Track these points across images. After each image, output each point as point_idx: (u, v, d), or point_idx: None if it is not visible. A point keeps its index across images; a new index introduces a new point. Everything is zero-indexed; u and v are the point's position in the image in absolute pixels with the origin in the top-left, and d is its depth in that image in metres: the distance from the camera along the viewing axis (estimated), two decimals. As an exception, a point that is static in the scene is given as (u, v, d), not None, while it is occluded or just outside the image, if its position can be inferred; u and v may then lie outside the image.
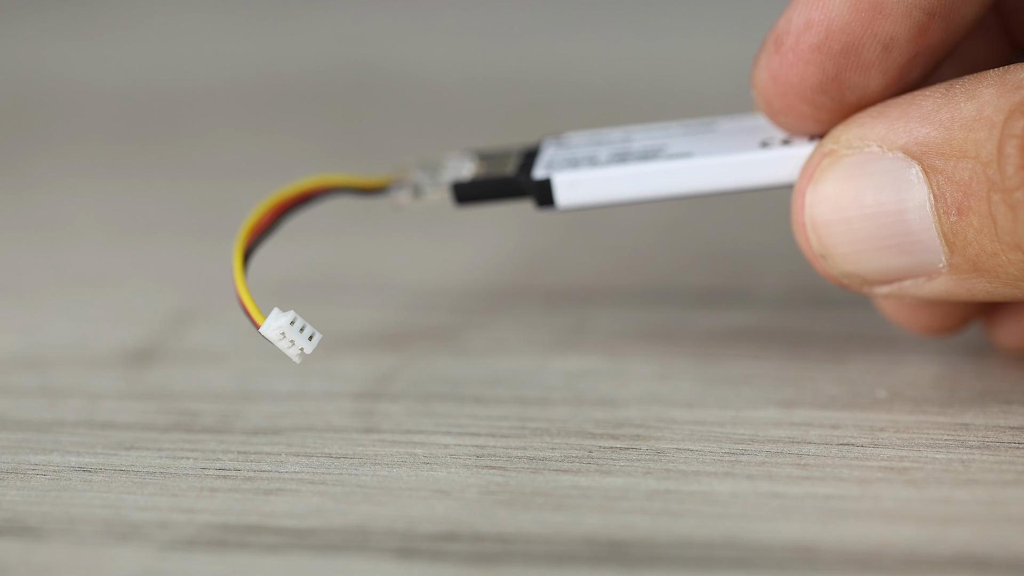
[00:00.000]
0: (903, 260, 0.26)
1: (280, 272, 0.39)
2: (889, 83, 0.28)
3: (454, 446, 0.28)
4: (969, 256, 0.25)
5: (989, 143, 0.25)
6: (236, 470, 0.27)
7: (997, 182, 0.25)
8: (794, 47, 0.27)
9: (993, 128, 0.25)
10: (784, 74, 0.28)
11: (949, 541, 0.24)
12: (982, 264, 0.25)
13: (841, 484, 0.26)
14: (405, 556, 0.24)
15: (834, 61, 0.27)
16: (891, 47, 0.27)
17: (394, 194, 0.32)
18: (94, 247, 0.41)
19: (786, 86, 0.28)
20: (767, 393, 0.30)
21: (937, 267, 0.26)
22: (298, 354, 0.27)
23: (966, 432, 0.28)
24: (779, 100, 0.28)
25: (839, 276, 0.27)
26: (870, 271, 0.27)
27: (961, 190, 0.25)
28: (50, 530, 0.25)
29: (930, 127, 0.25)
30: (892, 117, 0.26)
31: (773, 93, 0.28)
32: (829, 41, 0.27)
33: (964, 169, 0.25)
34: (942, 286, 0.26)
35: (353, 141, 0.54)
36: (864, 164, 0.26)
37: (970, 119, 0.25)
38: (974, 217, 0.25)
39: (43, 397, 0.31)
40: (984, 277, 0.26)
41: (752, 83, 0.28)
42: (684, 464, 0.27)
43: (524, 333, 0.34)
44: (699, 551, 0.24)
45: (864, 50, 0.27)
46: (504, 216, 0.39)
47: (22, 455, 0.28)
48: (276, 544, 0.25)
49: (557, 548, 0.24)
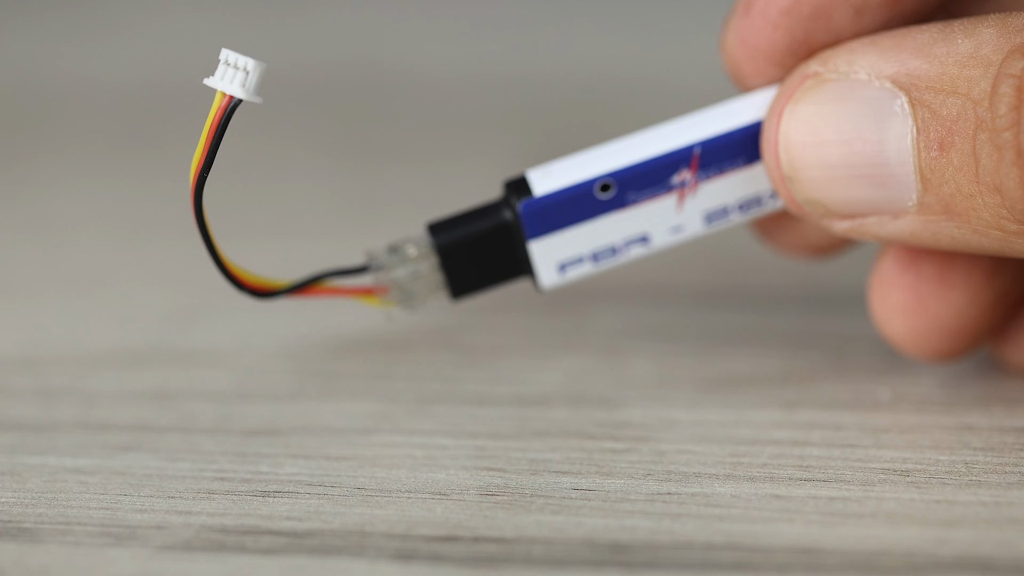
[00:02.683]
0: (873, 193, 0.26)
1: (280, 272, 0.39)
2: None
3: (453, 447, 0.28)
4: (943, 196, 0.25)
5: (983, 81, 0.24)
6: (234, 472, 0.27)
7: (986, 121, 0.24)
8: (763, 10, 0.27)
9: (989, 67, 0.24)
10: (753, 38, 0.28)
11: (952, 543, 0.24)
12: (955, 206, 0.25)
13: (844, 486, 0.26)
14: (404, 558, 0.24)
15: (803, 25, 0.27)
16: (863, 11, 0.27)
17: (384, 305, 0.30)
18: (91, 247, 0.41)
19: (755, 50, 0.28)
20: (769, 394, 0.30)
21: (906, 205, 0.26)
22: (242, 83, 0.27)
23: (970, 434, 0.28)
24: (748, 64, 0.28)
25: (802, 202, 0.27)
26: (836, 201, 0.27)
27: (946, 126, 0.25)
28: (46, 532, 0.25)
29: (923, 60, 0.25)
30: (884, 46, 0.26)
31: (742, 57, 0.28)
32: (799, 5, 0.27)
33: (953, 105, 0.25)
34: (907, 227, 0.26)
35: (353, 140, 0.54)
36: (849, 90, 0.26)
37: (966, 56, 0.25)
38: (955, 154, 0.25)
39: (39, 398, 0.31)
40: (954, 221, 0.25)
41: (721, 47, 0.28)
42: (685, 466, 0.27)
43: (524, 333, 0.34)
44: (700, 553, 0.24)
45: (835, 14, 0.27)
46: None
47: (18, 456, 0.28)
48: (274, 546, 0.25)
49: (557, 550, 0.24)
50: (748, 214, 0.29)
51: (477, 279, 0.30)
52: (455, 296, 0.30)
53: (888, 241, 0.26)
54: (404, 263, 0.29)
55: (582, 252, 0.29)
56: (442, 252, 0.29)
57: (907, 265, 0.28)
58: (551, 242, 0.29)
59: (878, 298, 0.29)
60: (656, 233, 0.29)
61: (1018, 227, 0.24)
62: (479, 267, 0.29)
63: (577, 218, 0.29)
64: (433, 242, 0.29)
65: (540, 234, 0.29)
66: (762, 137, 0.27)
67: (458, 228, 0.29)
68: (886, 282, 0.29)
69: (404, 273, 0.30)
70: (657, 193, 0.28)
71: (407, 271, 0.29)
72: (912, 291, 0.28)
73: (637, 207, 0.29)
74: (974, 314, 0.28)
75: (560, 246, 0.29)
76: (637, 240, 0.29)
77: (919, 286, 0.28)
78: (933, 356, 0.29)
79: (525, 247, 0.29)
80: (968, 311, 0.28)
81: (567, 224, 0.29)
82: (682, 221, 0.29)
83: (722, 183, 0.28)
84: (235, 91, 0.27)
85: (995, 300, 0.28)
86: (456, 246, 0.29)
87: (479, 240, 0.29)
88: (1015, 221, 0.24)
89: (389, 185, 0.48)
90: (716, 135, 0.28)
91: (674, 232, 0.29)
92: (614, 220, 0.29)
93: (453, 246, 0.29)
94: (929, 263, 0.28)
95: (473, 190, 0.48)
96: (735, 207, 0.29)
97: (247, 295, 0.29)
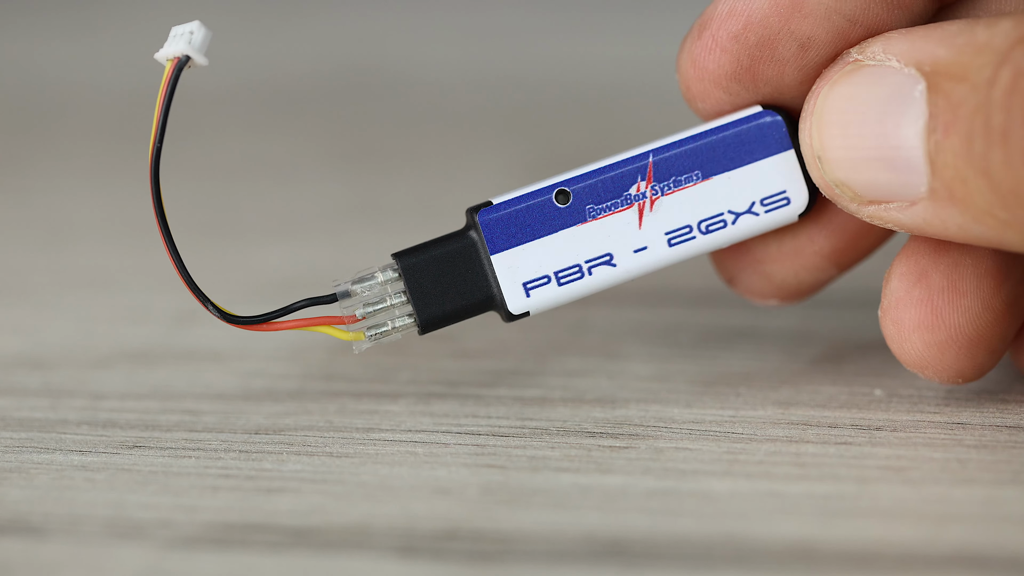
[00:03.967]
0: (889, 176, 0.26)
1: (280, 272, 0.39)
2: (804, 79, 0.28)
3: (454, 445, 0.28)
4: (946, 180, 0.25)
5: (988, 68, 0.25)
6: (238, 469, 0.27)
7: (983, 105, 0.25)
8: (714, 34, 0.28)
9: (996, 55, 0.25)
10: (702, 60, 0.28)
11: (946, 540, 0.24)
12: (955, 191, 0.25)
13: (839, 483, 0.26)
14: (406, 554, 0.24)
15: (749, 52, 0.28)
16: (808, 47, 0.28)
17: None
18: (96, 248, 0.41)
19: (703, 71, 0.28)
20: (765, 393, 0.30)
21: (920, 191, 0.26)
22: (188, 42, 0.27)
23: (963, 431, 0.28)
24: (696, 85, 0.29)
25: (832, 183, 0.27)
26: (859, 183, 0.27)
27: (952, 111, 0.25)
28: (53, 529, 0.25)
29: (944, 48, 0.26)
30: (916, 36, 0.26)
31: (692, 78, 0.29)
32: (747, 32, 0.28)
33: (960, 91, 0.25)
34: (921, 214, 0.26)
35: (353, 141, 0.54)
36: (881, 75, 0.26)
37: (980, 45, 0.25)
38: (956, 138, 0.25)
39: (46, 397, 0.31)
40: (957, 207, 0.25)
41: (676, 67, 0.29)
42: (683, 463, 0.27)
43: (524, 333, 0.34)
44: (698, 550, 0.24)
45: (779, 45, 0.28)
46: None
47: (25, 454, 0.28)
48: (278, 542, 0.25)
49: (557, 546, 0.24)
50: (712, 237, 0.29)
51: (446, 308, 0.29)
52: (423, 327, 0.29)
53: (908, 229, 0.27)
54: (371, 290, 0.29)
55: (546, 270, 0.28)
56: (407, 273, 0.28)
57: (915, 280, 0.28)
58: (514, 257, 0.28)
59: (893, 322, 0.28)
60: (620, 253, 0.28)
61: (1005, 215, 0.25)
62: (447, 294, 0.29)
63: (538, 230, 0.28)
64: (399, 264, 0.29)
65: (503, 247, 0.28)
66: (800, 119, 0.28)
67: (423, 251, 0.29)
68: (898, 303, 0.28)
69: (371, 297, 0.29)
70: (616, 206, 0.29)
71: (374, 297, 0.29)
72: (926, 304, 0.28)
73: (597, 222, 0.29)
74: (989, 320, 0.28)
75: (523, 262, 0.28)
76: (602, 259, 0.29)
77: (932, 298, 0.28)
78: (953, 373, 0.28)
79: (491, 264, 0.28)
80: (983, 317, 0.28)
81: (528, 237, 0.28)
82: (645, 240, 0.28)
83: (680, 198, 0.29)
84: (181, 49, 0.27)
85: (1007, 305, 0.28)
86: (422, 267, 0.28)
87: (445, 261, 0.29)
88: (1001, 207, 0.25)
89: (391, 188, 0.48)
90: (668, 142, 0.29)
91: (639, 253, 0.29)
92: (575, 235, 0.28)
93: (419, 267, 0.28)
94: (937, 274, 0.28)
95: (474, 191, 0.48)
96: (697, 226, 0.29)
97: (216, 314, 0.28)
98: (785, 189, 0.29)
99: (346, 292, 0.29)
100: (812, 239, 0.30)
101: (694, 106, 0.29)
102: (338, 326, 0.28)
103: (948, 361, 0.28)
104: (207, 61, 0.27)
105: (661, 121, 0.30)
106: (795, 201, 0.29)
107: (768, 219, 0.29)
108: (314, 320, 0.28)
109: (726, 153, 0.29)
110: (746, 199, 0.29)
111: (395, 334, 0.29)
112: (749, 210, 0.29)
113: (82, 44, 0.66)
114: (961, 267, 0.28)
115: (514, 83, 0.60)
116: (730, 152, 0.29)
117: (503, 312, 0.29)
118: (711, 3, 0.28)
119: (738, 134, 0.29)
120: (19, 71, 0.63)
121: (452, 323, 0.29)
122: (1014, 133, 0.24)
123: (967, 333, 0.28)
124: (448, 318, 0.29)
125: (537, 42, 0.66)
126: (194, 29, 0.27)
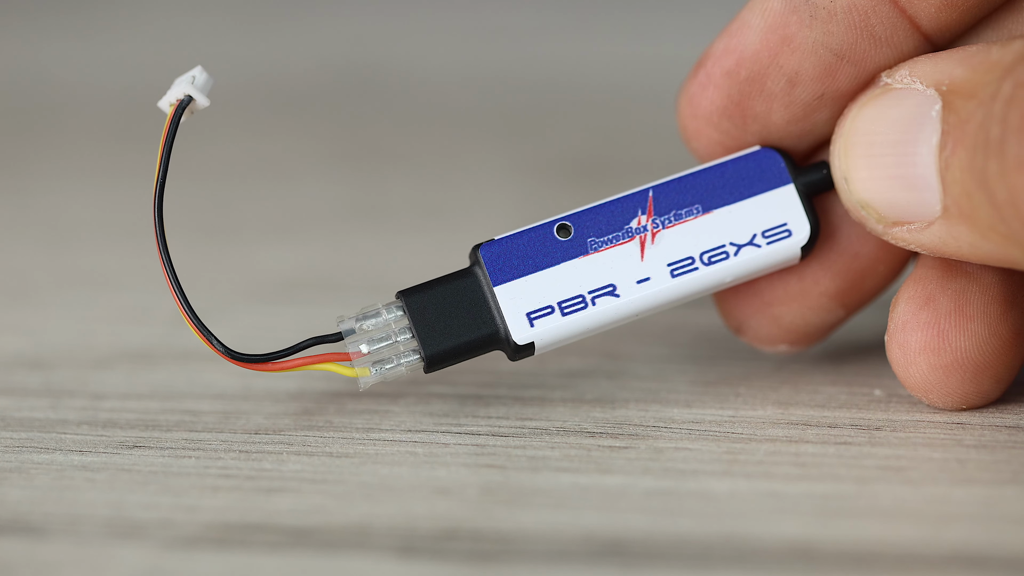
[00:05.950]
0: (908, 196, 0.26)
1: (280, 272, 0.39)
2: (792, 118, 0.28)
3: (454, 445, 0.28)
4: (955, 197, 0.25)
5: (994, 84, 0.25)
6: (238, 469, 0.27)
7: (984, 120, 0.25)
8: (709, 71, 0.29)
9: (1002, 70, 0.25)
10: (696, 97, 0.29)
11: (946, 539, 0.24)
12: (963, 207, 0.25)
13: (838, 483, 0.26)
14: (406, 554, 0.24)
15: (739, 87, 0.28)
16: (796, 82, 0.28)
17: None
18: (96, 248, 0.41)
19: (696, 108, 0.29)
20: (765, 393, 0.30)
21: (935, 210, 0.26)
22: (190, 82, 0.28)
23: (962, 431, 0.28)
24: (691, 123, 0.29)
25: (858, 205, 0.27)
26: (882, 204, 0.27)
27: (960, 127, 0.25)
28: (53, 529, 0.25)
29: (961, 68, 0.26)
30: (940, 58, 0.27)
31: (687, 116, 0.29)
32: (738, 68, 0.28)
33: (970, 108, 0.25)
34: (937, 234, 0.26)
35: (354, 141, 0.54)
36: (906, 97, 0.27)
37: (991, 63, 0.25)
38: (962, 153, 0.25)
39: (46, 397, 0.31)
40: (965, 224, 0.26)
41: (676, 107, 0.29)
42: (682, 463, 0.27)
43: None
44: (697, 549, 0.24)
45: (768, 80, 0.28)
46: (504, 215, 0.39)
47: (25, 454, 0.28)
48: (278, 542, 0.25)
49: (556, 546, 0.24)
50: (715, 269, 0.29)
51: (451, 343, 0.28)
52: (429, 362, 0.28)
53: (929, 251, 0.27)
54: (376, 327, 0.29)
55: (549, 299, 0.28)
56: (412, 309, 0.28)
57: (922, 304, 0.28)
58: (517, 288, 0.28)
59: (899, 345, 0.28)
60: (623, 284, 0.28)
61: (1004, 228, 0.25)
62: (452, 329, 0.28)
63: (540, 262, 0.29)
64: (403, 301, 0.29)
65: (505, 279, 0.28)
66: (832, 142, 0.28)
67: (428, 288, 0.29)
68: (905, 326, 0.28)
69: (376, 334, 0.29)
70: (617, 239, 0.29)
71: (379, 334, 0.29)
72: (933, 328, 0.28)
73: (599, 254, 0.29)
74: (996, 346, 0.28)
75: (526, 292, 0.28)
76: (605, 290, 0.29)
77: (939, 321, 0.28)
78: (957, 398, 0.28)
79: (494, 296, 0.28)
80: (990, 343, 0.28)
81: (531, 269, 0.29)
82: (647, 271, 0.29)
83: (682, 230, 0.29)
84: (183, 91, 0.27)
85: (1014, 333, 0.28)
86: (426, 303, 0.28)
87: (449, 297, 0.29)
88: (999, 220, 0.25)
89: (391, 188, 0.48)
90: (668, 180, 0.29)
91: (642, 284, 0.29)
92: (577, 267, 0.29)
93: (423, 303, 0.28)
94: (944, 298, 0.28)
95: (475, 191, 0.48)
96: (699, 257, 0.29)
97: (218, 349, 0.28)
98: (786, 222, 0.29)
99: (351, 329, 0.29)
100: (817, 280, 0.30)
101: (690, 146, 0.29)
102: (343, 363, 0.29)
103: (953, 385, 0.28)
104: (209, 102, 0.28)
105: (661, 121, 0.30)
106: (796, 234, 0.29)
107: (770, 251, 0.29)
108: (319, 357, 0.29)
109: (726, 188, 0.29)
110: (747, 231, 0.29)
111: (400, 368, 0.29)
112: (751, 242, 0.29)
113: (82, 44, 0.66)
114: (968, 292, 0.28)
115: (514, 83, 0.60)
116: (730, 187, 0.29)
117: (509, 346, 0.29)
118: (713, 41, 0.29)
119: (737, 170, 0.29)
120: (19, 71, 0.63)
121: (458, 361, 0.29)
122: (1009, 143, 0.24)
123: (973, 358, 0.28)
124: (454, 354, 0.29)
125: (537, 42, 0.66)
126: (196, 74, 0.28)
